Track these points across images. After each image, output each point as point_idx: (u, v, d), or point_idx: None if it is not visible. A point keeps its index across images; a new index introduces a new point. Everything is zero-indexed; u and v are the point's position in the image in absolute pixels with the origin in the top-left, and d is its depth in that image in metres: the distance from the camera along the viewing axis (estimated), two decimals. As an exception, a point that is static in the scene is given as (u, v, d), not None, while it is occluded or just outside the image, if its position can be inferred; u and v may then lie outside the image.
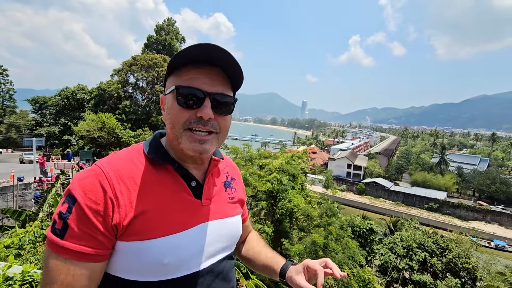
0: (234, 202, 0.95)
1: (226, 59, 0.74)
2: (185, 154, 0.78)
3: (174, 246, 0.73)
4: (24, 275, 1.41)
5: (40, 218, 5.97)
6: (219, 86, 0.76)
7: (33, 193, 13.12)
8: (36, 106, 33.70)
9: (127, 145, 12.22)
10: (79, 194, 0.66)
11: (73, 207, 0.65)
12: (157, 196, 0.74)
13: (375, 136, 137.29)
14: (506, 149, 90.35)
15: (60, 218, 0.65)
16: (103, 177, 0.68)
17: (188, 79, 0.74)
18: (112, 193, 0.68)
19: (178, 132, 0.74)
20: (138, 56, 29.68)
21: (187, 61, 0.74)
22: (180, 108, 0.73)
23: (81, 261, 0.65)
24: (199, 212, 0.81)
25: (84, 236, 0.65)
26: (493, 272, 18.52)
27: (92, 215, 0.65)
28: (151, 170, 0.76)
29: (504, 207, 42.43)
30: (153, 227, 0.71)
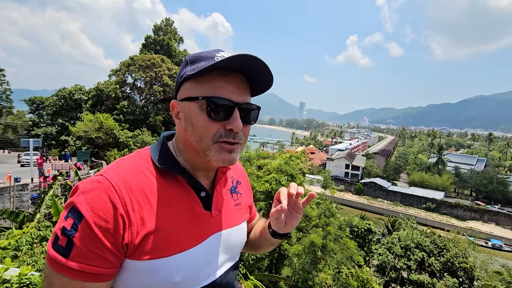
0: (240, 208, 0.93)
1: (257, 68, 0.70)
2: (209, 165, 0.75)
3: (186, 263, 0.70)
4: (21, 277, 1.39)
5: (37, 219, 5.94)
6: (245, 95, 0.73)
7: (30, 194, 13.04)
8: (33, 107, 33.50)
9: (125, 146, 12.16)
10: (86, 210, 0.60)
11: (79, 224, 0.60)
12: (169, 212, 0.70)
13: (373, 137, 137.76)
14: (503, 149, 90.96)
15: (63, 235, 0.60)
16: (113, 191, 0.63)
17: (215, 87, 0.69)
18: (123, 210, 0.63)
19: (207, 145, 0.70)
20: (136, 56, 29.59)
21: (212, 68, 0.67)
22: (210, 120, 0.69)
23: (87, 281, 0.60)
24: (209, 224, 0.78)
25: (92, 256, 0.60)
26: (490, 272, 18.61)
27: (101, 234, 0.60)
28: (162, 182, 0.72)
29: (501, 207, 42.70)
30: (165, 244, 0.68)
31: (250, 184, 1.08)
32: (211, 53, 0.72)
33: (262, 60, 0.66)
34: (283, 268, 11.07)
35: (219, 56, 0.69)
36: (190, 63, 0.72)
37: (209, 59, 0.69)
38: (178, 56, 34.53)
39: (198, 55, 0.73)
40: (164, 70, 28.23)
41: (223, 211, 0.84)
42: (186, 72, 0.72)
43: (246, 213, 0.98)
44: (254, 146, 54.79)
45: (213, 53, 0.71)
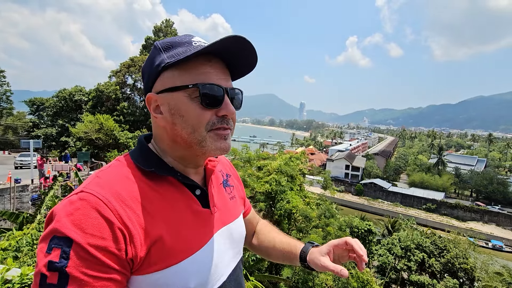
0: (235, 201, 0.91)
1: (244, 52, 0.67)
2: (200, 158, 0.73)
3: (197, 267, 0.66)
4: (23, 278, 1.40)
5: (37, 220, 5.94)
6: (229, 80, 0.71)
7: (30, 195, 13.05)
8: (33, 108, 33.56)
9: (125, 147, 12.18)
10: (75, 232, 0.50)
11: (70, 251, 0.49)
12: (169, 215, 0.64)
13: (373, 137, 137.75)
14: (503, 150, 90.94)
15: (52, 270, 0.48)
16: (102, 205, 0.54)
17: (203, 73, 0.64)
18: (119, 223, 0.54)
19: (201, 136, 0.65)
20: (136, 57, 29.66)
21: (197, 54, 0.62)
22: (202, 109, 0.64)
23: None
24: (211, 222, 0.74)
25: (95, 283, 0.50)
26: (490, 273, 18.60)
27: (100, 254, 0.51)
28: (153, 186, 0.65)
29: (501, 208, 42.70)
30: (173, 251, 0.62)
31: (239, 176, 1.05)
32: (186, 37, 0.68)
33: (249, 41, 0.63)
34: (283, 269, 11.06)
35: (196, 41, 0.66)
36: (164, 50, 0.66)
37: (186, 44, 0.65)
38: (178, 57, 34.70)
39: (171, 41, 0.67)
40: (164, 71, 28.35)
41: (221, 207, 0.80)
42: (164, 60, 0.64)
43: (241, 205, 0.96)
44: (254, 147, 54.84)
45: (188, 38, 0.67)
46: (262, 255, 1.08)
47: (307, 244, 0.95)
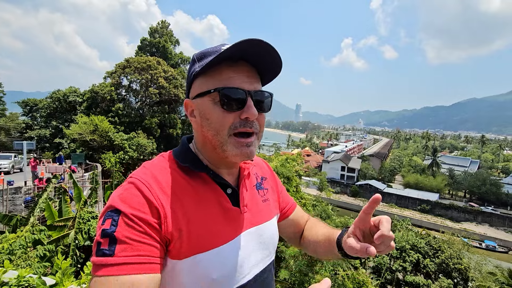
0: (268, 204, 0.92)
1: (265, 55, 0.69)
2: (228, 161, 0.74)
3: (221, 259, 0.69)
4: (20, 280, 1.38)
5: (31, 222, 5.86)
6: (256, 83, 0.72)
7: (24, 197, 12.86)
8: (27, 109, 33.08)
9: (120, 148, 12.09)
10: (123, 205, 0.60)
11: (118, 219, 0.59)
12: (199, 207, 0.70)
13: (368, 139, 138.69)
14: (495, 151, 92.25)
15: (104, 236, 0.58)
16: (145, 188, 0.64)
17: (225, 79, 0.69)
18: (157, 203, 0.63)
19: (224, 139, 0.70)
20: (131, 58, 29.48)
21: (221, 59, 0.67)
22: (224, 112, 0.68)
23: (138, 273, 0.57)
24: (239, 221, 0.77)
25: (137, 246, 0.58)
26: (484, 272, 18.80)
27: (142, 223, 0.60)
28: (189, 180, 0.73)
29: (494, 208, 43.25)
30: (198, 240, 0.67)
31: (277, 179, 1.05)
32: (217, 47, 0.71)
33: (266, 42, 0.64)
34: (280, 271, 11.05)
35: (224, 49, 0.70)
36: (197, 60, 0.73)
37: (215, 53, 0.69)
38: (174, 59, 34.48)
39: (204, 51, 0.73)
40: (160, 73, 28.16)
41: (251, 208, 0.83)
42: (195, 69, 0.72)
43: (276, 208, 0.96)
44: (250, 149, 54.77)
45: (219, 47, 0.71)
46: (312, 254, 1.02)
47: (344, 229, 0.86)
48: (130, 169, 23.23)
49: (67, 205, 7.44)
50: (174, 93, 28.64)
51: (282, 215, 1.03)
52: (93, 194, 8.48)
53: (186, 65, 35.91)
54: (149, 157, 25.00)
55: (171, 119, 29.49)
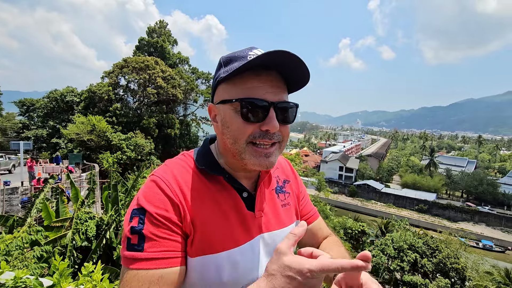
0: (289, 208, 0.89)
1: (293, 66, 0.67)
2: (247, 168, 0.74)
3: (232, 262, 0.70)
4: (17, 281, 1.37)
5: (28, 223, 5.82)
6: (281, 93, 0.70)
7: (20, 198, 12.77)
8: (23, 109, 32.88)
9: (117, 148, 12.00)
10: (147, 204, 0.65)
11: (144, 218, 0.64)
12: (212, 208, 0.72)
13: (366, 139, 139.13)
14: (492, 151, 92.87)
15: (133, 233, 0.63)
16: (165, 185, 0.68)
17: (249, 88, 0.67)
18: (177, 200, 0.67)
19: (241, 147, 0.69)
20: (129, 58, 29.38)
21: (245, 68, 0.65)
22: (244, 122, 0.68)
23: (164, 267, 0.62)
24: (253, 225, 0.77)
25: (163, 242, 0.64)
26: (481, 272, 18.92)
27: (165, 221, 0.64)
28: (205, 181, 0.74)
29: (490, 208, 43.53)
30: (210, 241, 0.69)
31: (300, 183, 1.02)
32: (244, 52, 0.71)
33: (294, 54, 0.63)
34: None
35: (252, 55, 0.68)
36: (223, 65, 0.72)
37: (241, 59, 0.68)
38: (172, 58, 34.42)
39: (231, 56, 0.72)
40: (158, 72, 28.09)
41: (268, 212, 0.82)
42: (220, 74, 0.72)
43: (295, 213, 0.92)
44: (248, 149, 55.24)
45: (246, 52, 0.70)
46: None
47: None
48: (128, 169, 23.15)
49: (64, 205, 7.39)
50: (172, 93, 28.57)
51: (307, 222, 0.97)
52: (91, 194, 8.44)
53: (184, 65, 35.85)
54: (147, 157, 24.94)
55: (169, 119, 29.42)
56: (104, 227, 6.63)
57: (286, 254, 0.53)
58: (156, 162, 24.91)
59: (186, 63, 35.96)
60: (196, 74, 35.28)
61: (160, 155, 28.55)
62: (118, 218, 6.86)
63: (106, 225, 6.69)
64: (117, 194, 8.27)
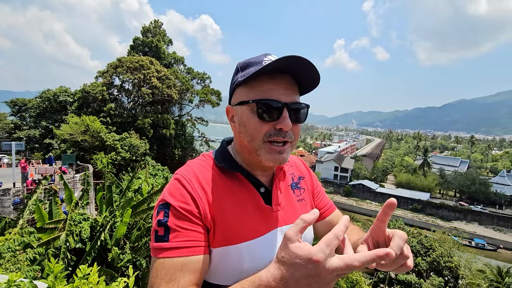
0: (304, 203, 0.94)
1: (305, 70, 0.73)
2: (262, 164, 0.79)
3: (251, 252, 0.75)
4: (10, 284, 1.33)
5: (20, 225, 5.72)
6: (293, 95, 0.77)
7: (12, 199, 12.56)
8: (15, 109, 32.36)
9: (112, 149, 11.91)
10: (170, 199, 0.73)
11: (169, 211, 0.71)
12: (231, 202, 0.77)
13: (361, 139, 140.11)
14: (484, 151, 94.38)
15: (160, 226, 0.71)
16: (185, 182, 0.76)
17: (264, 90, 0.74)
18: (195, 195, 0.74)
19: (258, 145, 0.76)
20: (124, 58, 29.11)
21: (261, 72, 0.72)
22: (260, 121, 0.75)
23: (188, 256, 0.68)
24: (271, 218, 0.82)
25: (186, 233, 0.70)
26: (474, 270, 19.17)
27: (187, 213, 0.71)
28: (223, 177, 0.81)
29: (483, 207, 44.16)
30: (230, 233, 0.74)
31: (314, 179, 1.07)
32: (259, 58, 0.78)
33: (305, 58, 0.68)
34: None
35: (267, 60, 0.75)
36: (240, 70, 0.79)
37: (257, 64, 0.75)
38: (167, 58, 34.19)
39: (247, 62, 0.79)
40: (153, 72, 27.89)
41: (285, 207, 0.86)
42: (238, 78, 0.79)
43: (311, 208, 0.96)
44: (244, 149, 55.23)
45: (261, 58, 0.77)
46: None
47: None
48: (123, 170, 22.92)
49: (57, 207, 7.29)
50: (167, 93, 28.38)
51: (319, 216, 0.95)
52: (85, 195, 8.33)
53: (179, 65, 35.65)
54: (142, 158, 24.73)
55: (164, 119, 29.21)
56: (98, 229, 6.56)
57: (293, 241, 0.53)
58: (151, 162, 24.71)
59: (181, 63, 35.76)
60: (191, 74, 35.09)
61: (155, 155, 28.33)
62: (113, 220, 6.79)
63: (100, 226, 6.61)
64: (112, 195, 8.18)
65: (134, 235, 7.24)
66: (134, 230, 7.42)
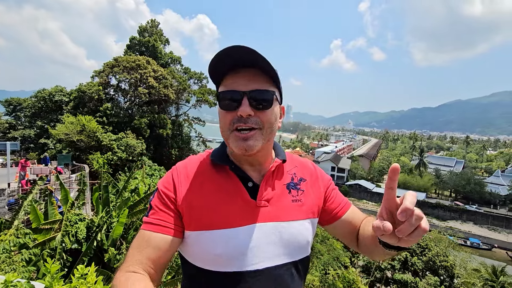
0: (300, 205, 0.91)
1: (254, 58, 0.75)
2: (235, 154, 0.86)
3: (225, 240, 0.79)
4: (7, 284, 1.32)
5: (15, 226, 5.66)
6: (255, 84, 0.78)
7: (7, 199, 12.42)
8: (10, 108, 32.01)
9: (108, 149, 11.90)
10: (159, 184, 0.87)
11: (155, 193, 0.86)
12: (213, 192, 0.84)
13: (358, 139, 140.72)
14: (479, 152, 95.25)
15: (149, 204, 0.86)
16: (175, 172, 0.88)
17: (228, 84, 0.80)
18: (177, 183, 0.85)
19: (227, 135, 0.82)
20: (120, 57, 28.94)
21: (226, 70, 0.79)
22: (224, 112, 0.81)
23: (156, 232, 0.79)
24: (253, 212, 0.83)
25: (160, 213, 0.82)
26: (469, 269, 19.31)
27: (165, 196, 0.83)
28: (213, 171, 0.88)
29: (478, 207, 44.54)
30: (206, 219, 0.80)
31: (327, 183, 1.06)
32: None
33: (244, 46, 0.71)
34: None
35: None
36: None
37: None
38: (164, 58, 34.05)
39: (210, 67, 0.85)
40: (150, 72, 27.76)
41: (274, 204, 0.86)
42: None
43: (311, 212, 0.93)
44: (241, 149, 54.97)
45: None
46: (369, 256, 0.93)
47: None
48: (119, 170, 22.78)
49: (53, 207, 7.23)
50: (164, 93, 28.27)
51: (332, 217, 1.02)
52: (81, 196, 8.28)
53: (176, 64, 35.51)
54: (139, 158, 24.59)
55: (161, 119, 29.09)
56: (94, 229, 6.52)
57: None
58: (148, 162, 24.60)
59: (178, 63, 35.62)
60: (188, 74, 34.98)
61: (152, 155, 28.20)
62: (109, 220, 6.75)
63: (97, 227, 6.57)
64: (108, 195, 8.15)
65: (131, 235, 7.20)
66: (131, 230, 7.38)
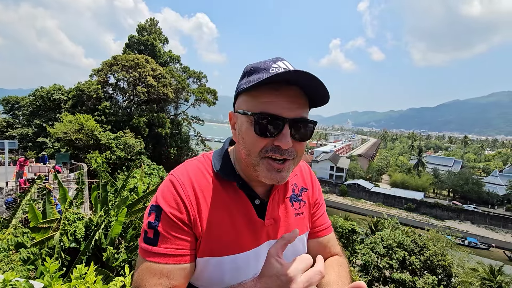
0: (302, 218, 0.88)
1: (313, 84, 0.66)
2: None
3: (234, 267, 0.74)
4: (6, 284, 1.32)
5: (13, 225, 5.64)
6: (299, 109, 0.69)
7: (5, 198, 12.38)
8: (8, 107, 31.90)
9: (106, 148, 11.83)
10: (163, 203, 0.72)
11: (160, 216, 0.71)
12: (223, 215, 0.75)
13: (356, 139, 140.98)
14: (477, 151, 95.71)
15: (150, 228, 0.71)
16: (179, 186, 0.74)
17: (266, 103, 0.67)
18: (188, 203, 0.72)
19: (255, 161, 0.71)
20: (119, 56, 28.85)
21: (264, 82, 0.65)
22: (257, 136, 0.68)
23: (174, 263, 0.69)
24: (261, 233, 0.78)
25: (175, 240, 0.70)
26: (466, 269, 19.41)
27: (178, 221, 0.71)
28: (219, 186, 0.77)
29: (475, 207, 44.75)
30: (215, 245, 0.73)
31: (318, 192, 1.00)
32: (268, 63, 0.70)
33: (313, 75, 0.62)
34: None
35: (275, 67, 0.68)
36: (246, 75, 0.73)
37: (263, 71, 0.68)
38: (163, 57, 33.97)
39: (255, 66, 0.72)
40: (149, 71, 27.68)
41: (279, 220, 0.82)
42: (241, 85, 0.73)
43: (308, 223, 0.91)
44: (240, 148, 55.00)
45: (270, 64, 0.70)
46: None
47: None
48: (118, 169, 22.73)
49: (51, 206, 7.21)
50: (163, 92, 28.20)
51: (312, 233, 0.96)
52: (79, 194, 8.25)
53: (175, 63, 35.45)
54: (137, 157, 24.55)
55: (159, 118, 29.03)
56: (93, 228, 6.50)
57: (273, 256, 0.61)
58: (147, 161, 24.56)
59: (177, 62, 35.55)
60: (187, 73, 34.92)
61: (150, 154, 28.15)
62: (108, 219, 6.73)
63: (95, 226, 6.55)
64: (107, 195, 8.12)
65: (129, 234, 7.19)
66: (129, 229, 7.37)
